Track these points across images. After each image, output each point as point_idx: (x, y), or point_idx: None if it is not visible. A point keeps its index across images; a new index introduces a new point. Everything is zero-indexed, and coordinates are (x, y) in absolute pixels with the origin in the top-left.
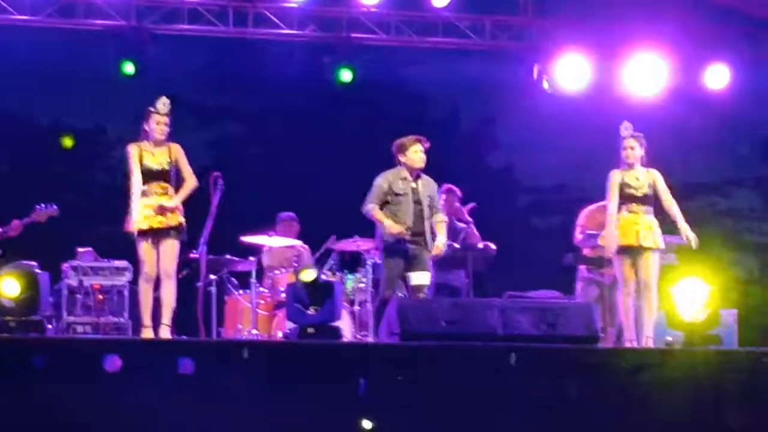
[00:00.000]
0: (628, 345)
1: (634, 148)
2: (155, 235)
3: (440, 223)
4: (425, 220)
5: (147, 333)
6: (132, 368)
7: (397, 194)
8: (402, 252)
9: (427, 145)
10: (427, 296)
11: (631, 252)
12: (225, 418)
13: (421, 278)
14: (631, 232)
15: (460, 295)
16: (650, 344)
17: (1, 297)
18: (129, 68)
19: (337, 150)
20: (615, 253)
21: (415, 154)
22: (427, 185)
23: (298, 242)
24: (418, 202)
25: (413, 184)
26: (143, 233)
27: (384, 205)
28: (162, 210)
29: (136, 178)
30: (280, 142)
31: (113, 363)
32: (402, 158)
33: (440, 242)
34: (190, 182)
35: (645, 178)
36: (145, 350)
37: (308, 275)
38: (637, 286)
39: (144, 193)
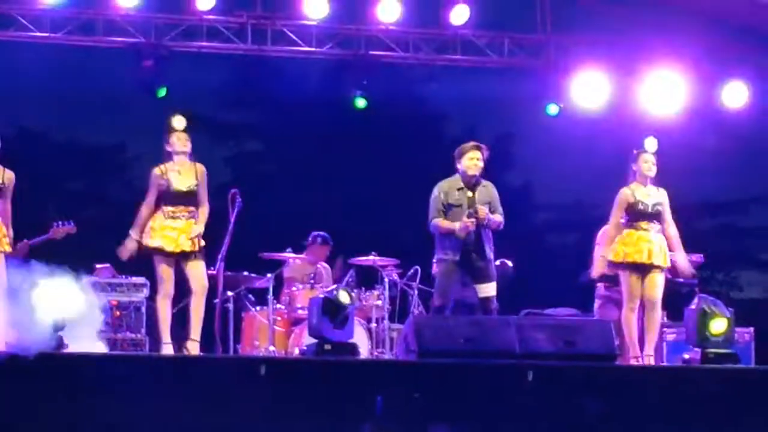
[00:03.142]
0: (633, 362)
1: (655, 164)
2: (179, 256)
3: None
4: (482, 230)
5: (168, 349)
6: (151, 383)
7: (451, 205)
8: (460, 264)
9: (487, 153)
10: (494, 308)
11: (640, 269)
12: None
13: (487, 290)
14: (643, 249)
15: (476, 313)
16: (651, 362)
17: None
18: (161, 92)
19: (355, 167)
20: (623, 268)
21: (470, 161)
22: (486, 192)
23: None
24: (474, 212)
25: (469, 193)
26: (167, 254)
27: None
28: (197, 236)
29: (147, 206)
30: (298, 159)
31: None
32: (458, 165)
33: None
34: (206, 208)
35: (656, 196)
36: (164, 365)
37: (346, 297)
38: (643, 304)
39: (168, 215)
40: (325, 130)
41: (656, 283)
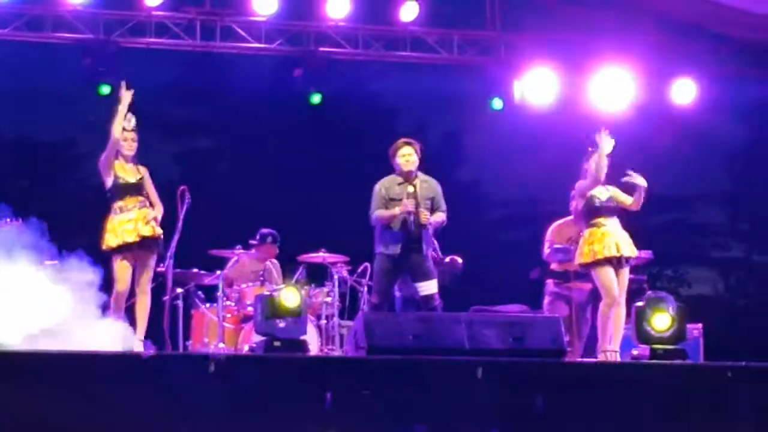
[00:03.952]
0: (602, 357)
1: (606, 165)
2: (138, 248)
3: (436, 213)
4: (421, 229)
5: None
6: (99, 380)
7: (392, 199)
8: (399, 260)
9: (418, 146)
10: (437, 304)
11: (612, 263)
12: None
13: (428, 287)
14: (611, 243)
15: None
16: (617, 358)
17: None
18: (105, 90)
19: (305, 163)
20: (596, 266)
21: (402, 158)
22: (425, 187)
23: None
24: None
25: (410, 188)
26: (125, 248)
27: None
28: (152, 219)
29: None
30: (248, 156)
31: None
32: (393, 163)
33: (431, 217)
34: (160, 207)
35: (608, 192)
36: (112, 363)
37: (292, 301)
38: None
39: (122, 209)
40: (275, 127)
41: (624, 279)
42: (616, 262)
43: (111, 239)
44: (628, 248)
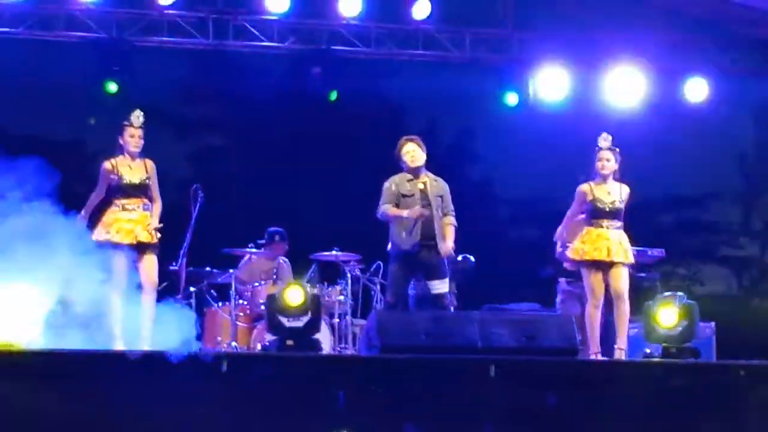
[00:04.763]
0: (593, 358)
1: (609, 161)
2: (135, 249)
3: (448, 226)
4: (435, 222)
5: (120, 345)
6: (109, 379)
7: (404, 196)
8: (413, 258)
9: (420, 140)
10: (448, 302)
11: (601, 266)
12: (204, 431)
13: (440, 286)
14: (602, 246)
15: None
16: (623, 357)
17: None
18: (112, 87)
19: (317, 161)
20: (584, 266)
21: (407, 154)
22: (435, 185)
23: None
24: (426, 202)
25: (420, 185)
26: (123, 247)
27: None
28: (154, 229)
29: (97, 195)
30: (260, 155)
31: None
32: (401, 162)
33: (447, 248)
34: (159, 204)
35: (616, 193)
36: (122, 363)
37: (297, 298)
38: (610, 298)
39: (124, 207)
40: (288, 125)
41: (620, 276)
42: (605, 265)
43: (101, 233)
44: (621, 254)
